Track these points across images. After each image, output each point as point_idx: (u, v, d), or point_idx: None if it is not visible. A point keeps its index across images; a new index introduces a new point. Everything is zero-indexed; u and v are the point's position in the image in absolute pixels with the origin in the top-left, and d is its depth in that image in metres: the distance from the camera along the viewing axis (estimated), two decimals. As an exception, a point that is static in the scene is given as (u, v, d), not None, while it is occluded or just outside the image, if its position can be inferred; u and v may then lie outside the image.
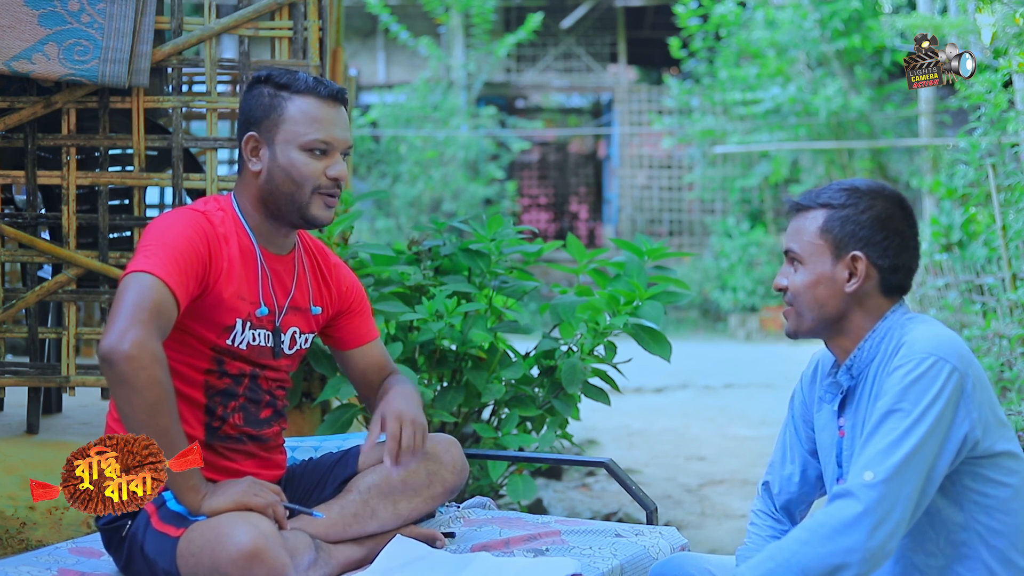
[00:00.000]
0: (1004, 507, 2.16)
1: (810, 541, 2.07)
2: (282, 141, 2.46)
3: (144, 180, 3.93)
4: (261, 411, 2.56)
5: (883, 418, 2.12)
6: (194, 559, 2.22)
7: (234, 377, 2.51)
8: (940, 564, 2.19)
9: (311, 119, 2.46)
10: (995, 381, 5.75)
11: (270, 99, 2.48)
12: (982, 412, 2.14)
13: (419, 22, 16.15)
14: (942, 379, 2.10)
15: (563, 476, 5.95)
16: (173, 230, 2.37)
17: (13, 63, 3.63)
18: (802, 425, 2.45)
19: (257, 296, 2.50)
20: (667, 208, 16.13)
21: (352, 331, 2.72)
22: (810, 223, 2.27)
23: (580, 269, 4.07)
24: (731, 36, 13.60)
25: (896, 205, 2.26)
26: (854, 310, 2.26)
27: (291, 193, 2.47)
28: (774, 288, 2.35)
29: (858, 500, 2.07)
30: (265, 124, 2.48)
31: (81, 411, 4.62)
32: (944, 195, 7.82)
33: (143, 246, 2.35)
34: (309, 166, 2.46)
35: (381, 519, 2.54)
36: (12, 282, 5.18)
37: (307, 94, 2.47)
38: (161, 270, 2.28)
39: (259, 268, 2.51)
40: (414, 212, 14.46)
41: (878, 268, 2.24)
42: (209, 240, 2.41)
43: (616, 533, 2.74)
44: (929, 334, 2.17)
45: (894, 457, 2.08)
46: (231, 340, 2.47)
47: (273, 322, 2.54)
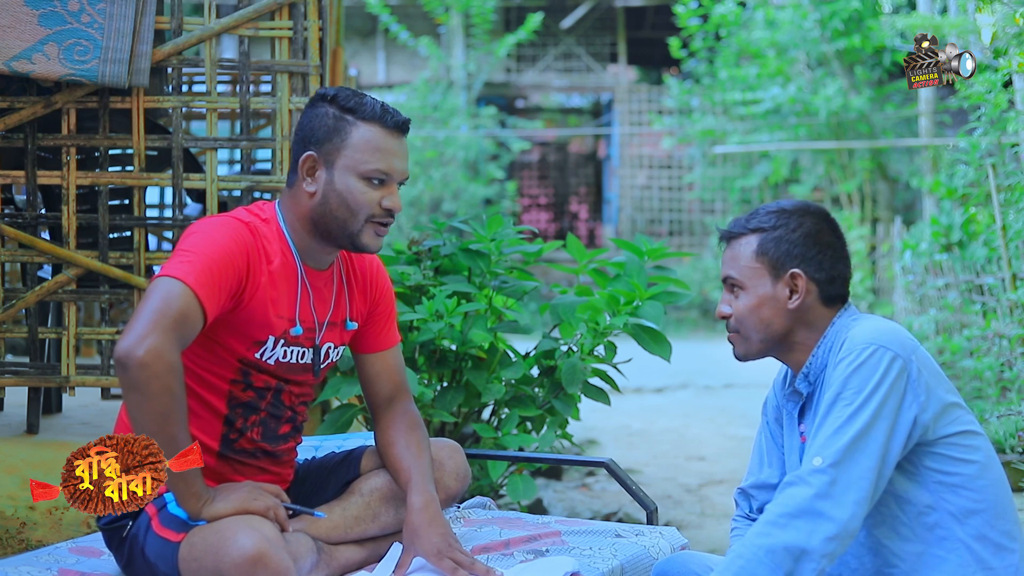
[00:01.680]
0: (971, 484, 2.22)
1: (770, 532, 2.14)
2: (342, 166, 2.39)
3: (144, 180, 3.93)
4: (281, 427, 2.52)
5: (829, 407, 2.21)
6: (197, 563, 2.21)
7: (258, 390, 2.46)
8: (918, 549, 2.23)
9: (374, 148, 2.39)
10: (995, 381, 5.76)
11: (334, 121, 2.40)
12: (931, 396, 2.21)
13: (419, 22, 16.15)
14: (883, 365, 2.18)
15: (563, 476, 5.95)
16: (214, 238, 2.30)
17: (13, 63, 3.64)
18: (777, 429, 2.50)
19: (295, 315, 2.44)
20: (667, 208, 16.13)
21: (372, 336, 2.63)
22: (745, 248, 2.36)
23: (580, 269, 4.07)
24: (731, 36, 13.59)
25: (823, 220, 2.36)
26: (798, 325, 2.35)
27: (344, 219, 2.40)
28: (717, 316, 2.43)
29: (808, 485, 2.15)
30: (326, 146, 2.40)
31: (81, 411, 4.62)
32: (944, 195, 7.82)
33: (181, 250, 2.30)
34: (366, 195, 2.39)
35: (383, 522, 2.54)
36: (12, 282, 5.18)
37: (373, 122, 2.40)
38: (193, 279, 2.23)
39: (300, 286, 2.45)
40: (414, 212, 14.46)
41: (816, 282, 2.33)
42: (249, 253, 2.34)
43: (616, 533, 2.74)
44: (869, 327, 2.26)
45: (840, 441, 2.16)
46: (260, 354, 2.42)
47: (313, 340, 2.48)
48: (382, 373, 2.64)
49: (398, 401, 2.64)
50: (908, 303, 8.43)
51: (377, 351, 2.64)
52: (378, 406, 2.64)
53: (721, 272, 2.40)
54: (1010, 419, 4.91)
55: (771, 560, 2.11)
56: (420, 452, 2.54)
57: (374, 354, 2.64)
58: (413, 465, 2.51)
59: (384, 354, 2.65)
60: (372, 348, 2.64)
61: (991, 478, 2.24)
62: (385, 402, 2.64)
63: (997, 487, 2.24)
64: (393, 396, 2.65)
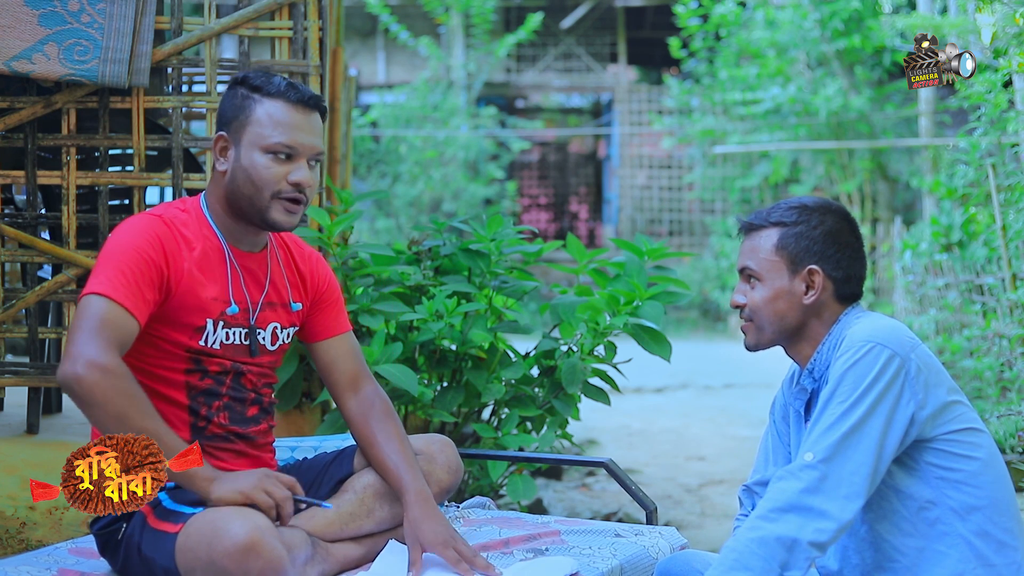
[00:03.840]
0: (973, 480, 2.23)
1: (761, 526, 2.17)
2: (247, 143, 2.44)
3: (144, 180, 3.93)
4: (247, 409, 2.54)
5: (825, 404, 2.24)
6: (191, 554, 2.22)
7: (215, 376, 2.49)
8: (919, 544, 2.25)
9: (276, 122, 2.43)
10: (995, 381, 5.76)
11: (242, 100, 2.46)
12: (930, 394, 2.23)
13: (419, 22, 16.15)
14: (880, 363, 2.21)
15: (563, 476, 5.95)
16: (123, 243, 2.36)
17: (13, 63, 3.64)
18: (784, 428, 2.52)
19: (228, 295, 2.48)
20: (667, 208, 16.13)
21: (319, 323, 2.66)
22: (765, 241, 2.39)
23: (580, 269, 4.07)
24: (731, 36, 13.59)
25: (843, 219, 2.40)
26: (812, 319, 2.38)
27: (250, 196, 2.44)
28: (732, 306, 2.46)
29: (798, 480, 2.18)
30: (234, 125, 2.46)
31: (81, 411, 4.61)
32: (944, 195, 7.81)
33: (96, 265, 2.36)
34: (270, 170, 2.43)
35: (378, 518, 2.54)
36: (12, 282, 5.18)
37: (277, 97, 2.44)
38: (110, 289, 2.29)
39: (228, 266, 2.49)
40: (414, 212, 14.45)
41: (833, 279, 2.37)
42: (164, 244, 2.39)
43: (616, 533, 2.74)
44: (869, 325, 2.29)
45: (831, 437, 2.19)
46: (203, 341, 2.46)
47: (248, 320, 2.52)
48: (338, 358, 2.66)
49: (363, 385, 2.66)
50: (908, 303, 8.43)
51: (330, 336, 2.67)
52: (342, 393, 2.65)
53: (738, 262, 2.43)
54: (1010, 419, 4.91)
55: (764, 551, 2.13)
56: (403, 447, 2.56)
57: (328, 340, 2.67)
58: (400, 464, 2.53)
59: (338, 339, 2.67)
60: (325, 334, 2.67)
61: (993, 475, 2.25)
62: (349, 386, 2.65)
63: (999, 484, 2.25)
64: (356, 379, 2.66)
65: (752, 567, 2.12)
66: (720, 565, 2.16)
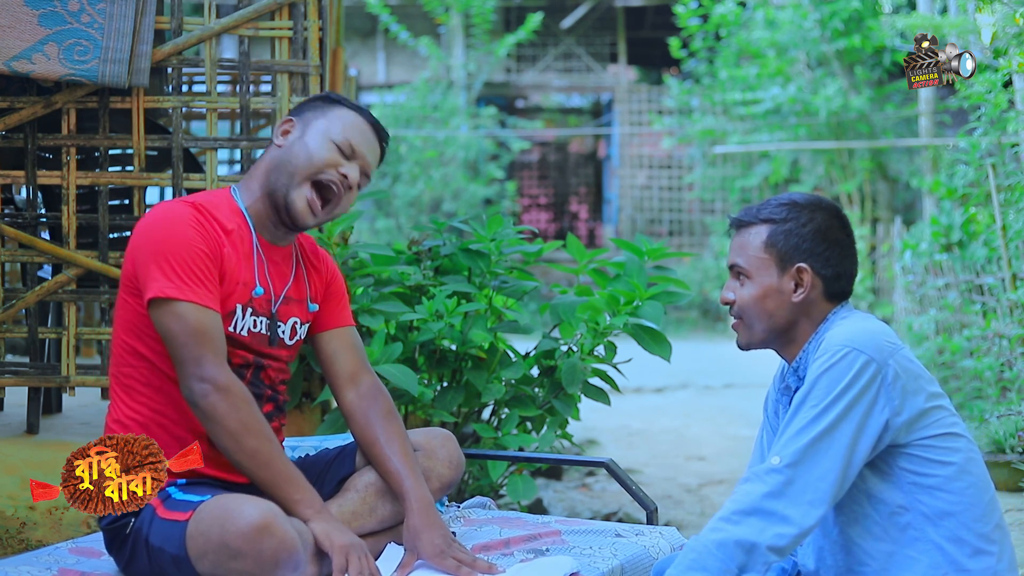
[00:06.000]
0: (947, 486, 2.21)
1: (723, 528, 2.16)
2: (316, 130, 2.53)
3: (144, 180, 3.93)
4: (263, 405, 2.55)
5: (797, 407, 2.22)
6: (203, 537, 2.23)
7: (238, 369, 2.49)
8: (889, 549, 2.23)
9: (350, 125, 2.55)
10: (995, 381, 5.76)
11: (323, 104, 2.59)
12: (906, 401, 2.20)
13: (419, 22, 16.15)
14: (855, 368, 2.18)
15: (563, 476, 5.95)
16: (172, 237, 2.40)
17: (13, 63, 3.64)
18: (776, 423, 2.51)
19: (254, 279, 2.51)
20: (667, 208, 16.13)
21: (323, 314, 2.69)
22: (754, 238, 2.37)
23: (580, 269, 4.07)
24: (731, 36, 13.59)
25: (834, 216, 2.37)
26: (801, 318, 2.36)
27: (294, 171, 2.50)
28: (721, 302, 2.44)
29: (763, 483, 2.17)
30: (308, 115, 2.57)
31: (81, 411, 4.62)
32: (944, 195, 7.81)
33: (150, 263, 2.38)
34: (329, 153, 2.51)
35: (380, 516, 2.55)
36: (12, 282, 5.18)
37: (356, 112, 2.59)
38: (191, 293, 2.36)
39: (255, 253, 2.53)
40: (414, 212, 14.45)
41: (822, 277, 2.34)
42: (205, 229, 2.44)
43: (616, 533, 2.74)
44: (848, 328, 2.26)
45: (800, 442, 2.17)
46: (232, 327, 2.48)
47: (270, 309, 2.54)
48: (340, 351, 2.68)
49: (363, 378, 2.66)
50: (908, 303, 8.43)
51: (334, 327, 2.69)
52: (342, 386, 2.65)
53: (728, 259, 2.42)
54: (1010, 419, 4.91)
55: (722, 553, 2.12)
56: (404, 450, 2.56)
57: (330, 331, 2.69)
58: (401, 468, 2.53)
59: (340, 331, 2.69)
60: (329, 325, 2.69)
61: (970, 480, 2.22)
62: (349, 379, 2.65)
63: (976, 489, 2.22)
64: (356, 371, 2.66)
65: (709, 568, 2.12)
66: (679, 564, 2.15)
